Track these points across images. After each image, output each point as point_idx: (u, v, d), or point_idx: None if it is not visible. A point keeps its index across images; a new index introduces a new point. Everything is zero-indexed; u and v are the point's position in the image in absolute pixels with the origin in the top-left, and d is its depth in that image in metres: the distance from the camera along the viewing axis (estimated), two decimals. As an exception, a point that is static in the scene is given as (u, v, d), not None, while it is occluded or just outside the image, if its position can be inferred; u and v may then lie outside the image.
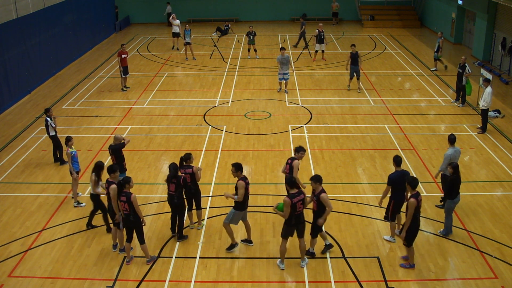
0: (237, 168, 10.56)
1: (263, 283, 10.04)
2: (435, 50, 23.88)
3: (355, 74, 20.94)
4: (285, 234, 10.18)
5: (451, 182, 11.00)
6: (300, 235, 10.27)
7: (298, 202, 9.87)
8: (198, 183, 11.46)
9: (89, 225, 11.89)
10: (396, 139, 16.54)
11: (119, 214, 10.50)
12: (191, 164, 11.33)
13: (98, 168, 11.32)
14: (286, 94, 21.06)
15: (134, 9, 36.53)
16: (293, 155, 11.81)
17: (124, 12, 36.13)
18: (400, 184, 10.71)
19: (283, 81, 21.04)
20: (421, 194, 13.06)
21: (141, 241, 10.47)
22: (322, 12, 36.43)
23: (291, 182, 10.01)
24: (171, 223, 11.55)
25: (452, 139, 12.23)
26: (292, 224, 10.05)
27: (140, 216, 10.24)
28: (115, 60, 26.53)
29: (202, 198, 11.84)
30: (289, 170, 11.48)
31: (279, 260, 10.49)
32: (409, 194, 10.12)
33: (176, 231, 11.36)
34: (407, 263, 10.41)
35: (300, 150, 11.64)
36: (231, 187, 13.56)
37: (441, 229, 11.50)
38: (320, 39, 25.59)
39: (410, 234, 10.03)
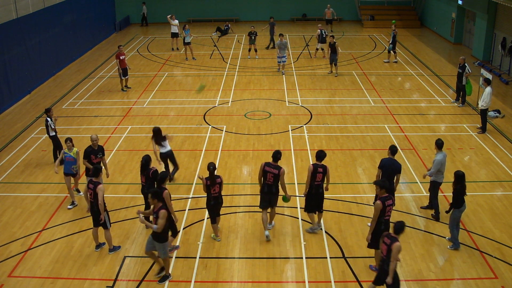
0: (155, 195, 9.59)
1: (263, 283, 10.04)
2: (390, 42, 25.43)
3: (333, 61, 23.22)
4: (261, 204, 11.21)
5: (456, 192, 10.62)
6: (272, 206, 11.26)
7: (269, 173, 10.86)
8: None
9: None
10: (396, 139, 16.54)
11: (104, 214, 10.59)
12: (217, 174, 11.05)
13: (155, 133, 13.15)
14: (283, 75, 23.55)
15: (134, 9, 36.51)
16: (316, 161, 11.16)
17: (124, 12, 36.11)
18: (388, 171, 10.93)
19: (281, 64, 23.63)
20: (421, 194, 13.17)
21: (173, 234, 10.73)
22: (323, 12, 36.44)
23: (275, 155, 10.97)
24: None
25: (439, 144, 11.85)
26: (265, 192, 11.02)
27: (172, 212, 10.35)
28: (114, 61, 26.54)
29: (201, 198, 11.81)
30: (321, 179, 11.01)
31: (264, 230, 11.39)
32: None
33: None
34: (375, 265, 10.33)
35: (324, 155, 11.27)
36: (230, 187, 13.61)
37: (450, 245, 11.01)
38: (322, 39, 25.85)
39: (374, 237, 9.86)
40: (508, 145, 16.15)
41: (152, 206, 9.82)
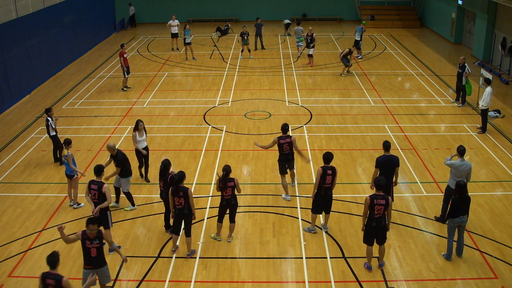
0: (95, 222, 8.87)
1: (263, 283, 10.04)
2: (359, 39, 26.36)
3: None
4: (281, 171, 12.76)
5: (453, 201, 10.34)
6: (290, 169, 13.02)
7: (285, 144, 12.52)
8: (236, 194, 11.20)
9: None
10: (396, 139, 16.54)
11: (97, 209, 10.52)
12: (231, 177, 10.96)
13: (136, 125, 13.77)
14: (297, 57, 26.62)
15: (134, 9, 36.46)
16: (325, 164, 11.10)
17: (124, 12, 36.08)
18: (387, 168, 10.96)
19: (299, 47, 26.79)
20: (421, 194, 13.16)
21: (188, 234, 10.64)
22: (323, 12, 36.47)
23: (284, 128, 12.59)
24: (165, 221, 11.69)
25: (460, 151, 11.38)
26: (282, 160, 12.67)
27: (193, 210, 10.42)
28: (115, 60, 26.60)
29: (201, 198, 11.74)
30: (331, 181, 11.03)
31: (283, 194, 12.86)
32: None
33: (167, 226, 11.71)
34: (368, 264, 10.35)
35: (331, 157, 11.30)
36: (231, 187, 13.59)
37: (443, 253, 10.82)
38: (307, 43, 25.39)
39: (366, 234, 10.06)
40: (508, 145, 16.15)
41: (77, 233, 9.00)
